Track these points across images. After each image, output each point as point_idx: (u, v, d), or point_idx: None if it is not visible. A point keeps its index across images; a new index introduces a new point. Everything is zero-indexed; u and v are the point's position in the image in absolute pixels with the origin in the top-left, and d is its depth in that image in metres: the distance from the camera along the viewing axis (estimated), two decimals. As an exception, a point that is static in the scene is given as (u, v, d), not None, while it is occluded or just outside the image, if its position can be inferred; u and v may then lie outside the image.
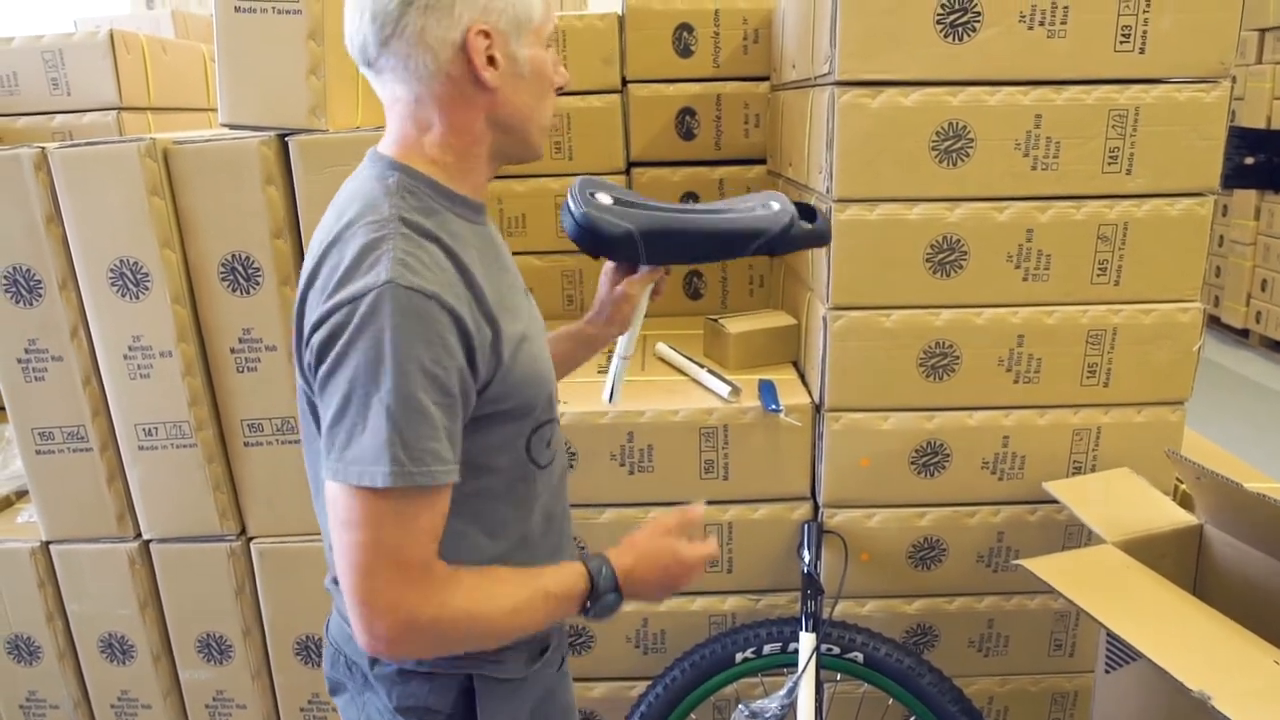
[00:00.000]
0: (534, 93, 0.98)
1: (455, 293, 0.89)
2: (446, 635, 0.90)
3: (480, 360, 0.91)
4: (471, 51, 0.91)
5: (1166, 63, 1.54)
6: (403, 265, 0.86)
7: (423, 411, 0.85)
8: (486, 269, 0.96)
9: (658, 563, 1.05)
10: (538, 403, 1.01)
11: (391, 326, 0.84)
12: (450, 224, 0.95)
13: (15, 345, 1.64)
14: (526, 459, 1.03)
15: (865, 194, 1.59)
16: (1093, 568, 1.39)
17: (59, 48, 2.18)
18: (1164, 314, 1.65)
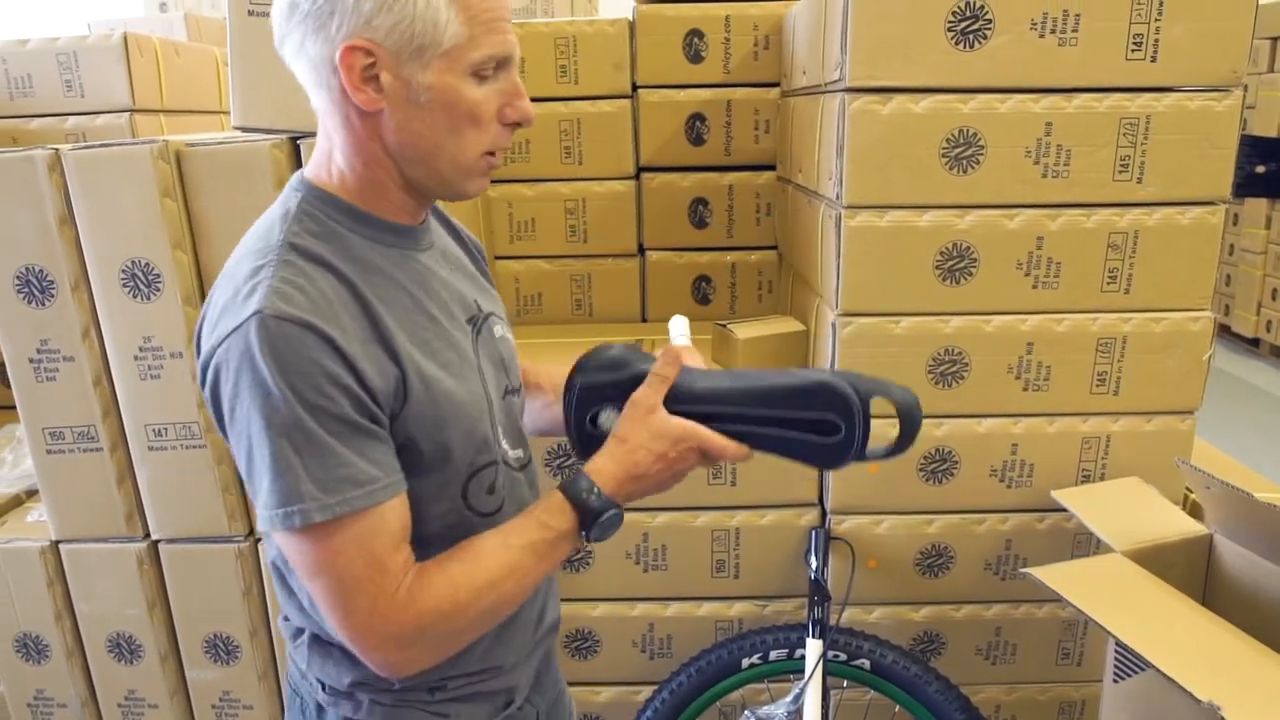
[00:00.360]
0: (441, 126, 0.86)
1: (340, 324, 0.83)
2: (450, 630, 0.87)
3: (380, 393, 0.84)
4: (343, 69, 0.83)
5: (1178, 71, 1.53)
6: (275, 294, 0.81)
7: (320, 443, 0.80)
8: (399, 300, 0.90)
9: (653, 452, 0.92)
10: (464, 445, 0.93)
11: (265, 363, 0.79)
12: (355, 249, 0.88)
13: (27, 345, 1.65)
14: (464, 508, 0.96)
15: (875, 200, 1.59)
16: (1101, 577, 1.39)
17: (73, 50, 2.20)
18: (1174, 323, 1.64)
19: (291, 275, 0.83)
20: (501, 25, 0.86)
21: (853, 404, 0.90)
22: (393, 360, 0.86)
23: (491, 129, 0.89)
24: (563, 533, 0.91)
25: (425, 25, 0.82)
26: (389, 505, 0.85)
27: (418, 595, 0.85)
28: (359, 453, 0.82)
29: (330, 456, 0.81)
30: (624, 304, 2.37)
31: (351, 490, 0.81)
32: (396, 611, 0.84)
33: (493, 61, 0.86)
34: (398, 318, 0.88)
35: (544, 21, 2.22)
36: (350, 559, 0.82)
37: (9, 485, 1.98)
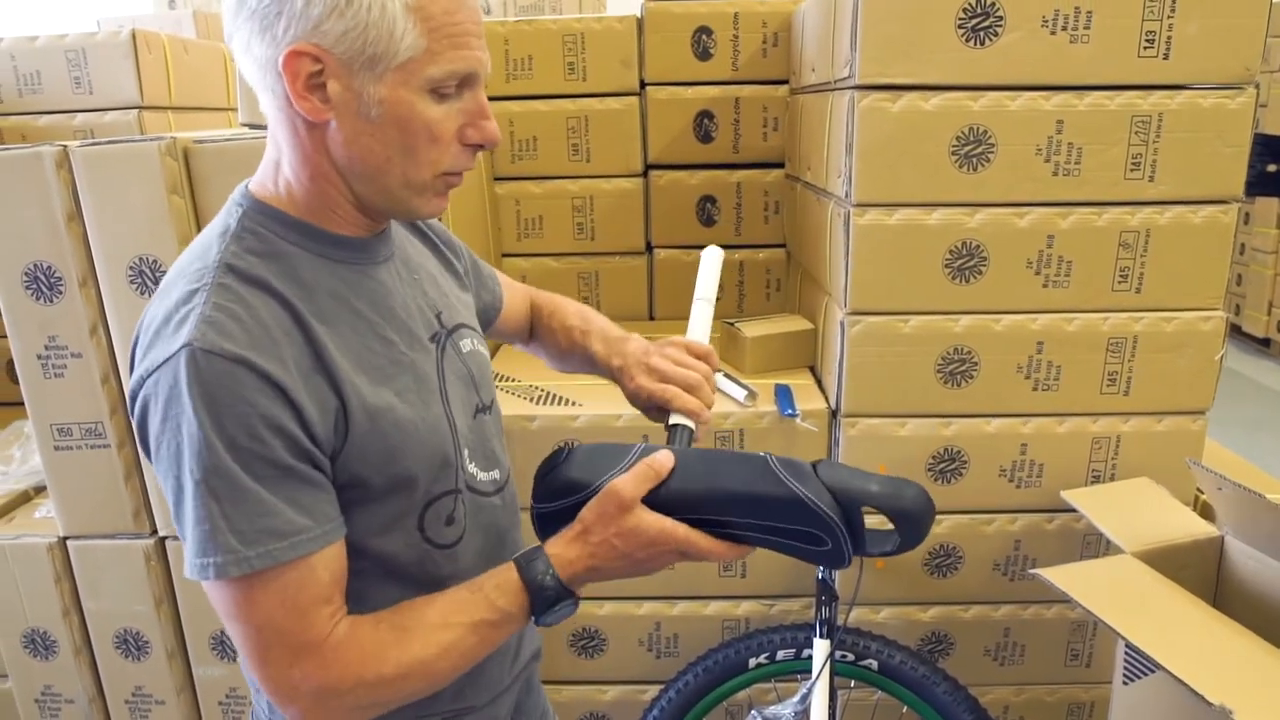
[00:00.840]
0: (393, 142, 0.80)
1: (278, 353, 0.77)
2: (372, 701, 0.82)
3: (318, 426, 0.79)
4: (287, 74, 0.77)
5: (1191, 69, 1.52)
6: (208, 324, 0.75)
7: (241, 489, 0.75)
8: (349, 323, 0.84)
9: (621, 551, 0.85)
10: (419, 476, 0.87)
11: (193, 402, 0.74)
12: (300, 269, 0.82)
13: (35, 342, 1.65)
14: (421, 540, 0.90)
15: (885, 198, 1.58)
16: (1111, 578, 1.38)
17: (82, 47, 2.20)
18: (1186, 322, 1.63)
19: (227, 301, 0.77)
20: (468, 40, 0.79)
21: (830, 522, 0.83)
22: (334, 391, 0.80)
23: (451, 149, 0.83)
24: (511, 615, 0.84)
25: (379, 34, 0.76)
26: (318, 556, 0.79)
27: (342, 655, 0.80)
28: (289, 500, 0.77)
29: (254, 505, 0.76)
30: (632, 302, 2.37)
31: (274, 542, 0.76)
32: (317, 668, 0.79)
33: (454, 78, 0.80)
34: (344, 344, 0.83)
35: (552, 18, 2.22)
36: (270, 611, 0.78)
37: (17, 481, 1.98)
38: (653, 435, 1.66)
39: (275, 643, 0.79)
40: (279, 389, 0.76)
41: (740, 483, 0.86)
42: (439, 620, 0.83)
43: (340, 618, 0.82)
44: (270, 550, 0.76)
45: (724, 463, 0.88)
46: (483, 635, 0.84)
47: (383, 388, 0.84)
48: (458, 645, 0.83)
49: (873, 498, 0.85)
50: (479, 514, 0.96)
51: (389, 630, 0.82)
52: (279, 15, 0.76)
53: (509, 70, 2.22)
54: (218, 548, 0.75)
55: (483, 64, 0.82)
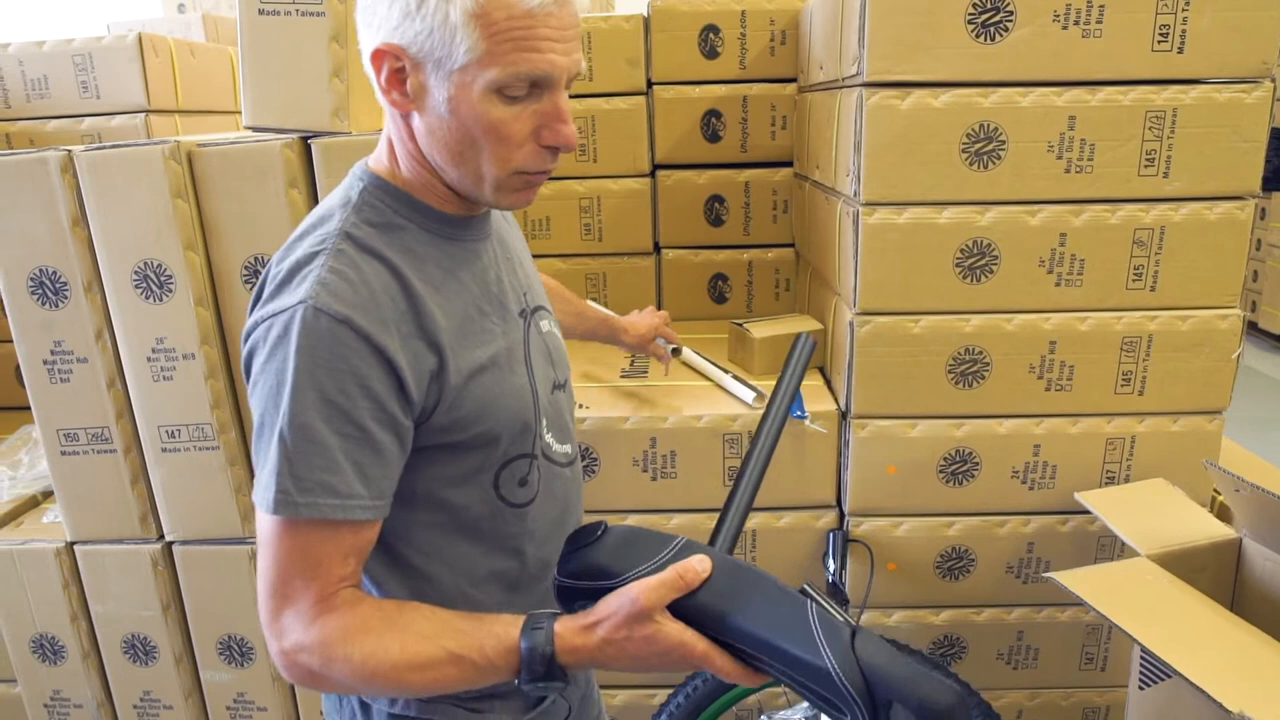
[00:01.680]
0: (462, 138, 0.85)
1: (380, 316, 0.83)
2: (334, 675, 0.84)
3: (413, 387, 0.84)
4: (374, 67, 0.85)
5: (1206, 63, 1.50)
6: (322, 285, 0.82)
7: (317, 441, 0.81)
8: (451, 291, 0.90)
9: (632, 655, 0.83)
10: (501, 435, 0.92)
11: (296, 351, 0.81)
12: (411, 241, 0.90)
13: (41, 347, 1.65)
14: (495, 497, 0.95)
15: (894, 197, 1.56)
16: (1126, 581, 1.35)
17: (89, 51, 2.20)
18: (1202, 320, 1.61)
19: (342, 266, 0.84)
20: (537, 44, 0.81)
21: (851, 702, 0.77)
22: (434, 352, 0.86)
23: (524, 149, 0.86)
24: (496, 668, 0.84)
25: (443, 37, 0.81)
26: (357, 526, 0.84)
27: (328, 621, 0.83)
28: (355, 465, 0.83)
29: (321, 457, 0.81)
30: (639, 303, 2.34)
31: (327, 498, 0.82)
32: (299, 626, 0.83)
33: (520, 81, 0.82)
34: (448, 310, 0.89)
35: (558, 18, 2.20)
36: (291, 553, 0.83)
37: (25, 486, 1.98)
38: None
39: (282, 587, 0.83)
40: (377, 350, 0.82)
41: (772, 630, 0.80)
42: (428, 634, 0.84)
43: (346, 586, 0.85)
44: (319, 503, 0.82)
45: (761, 593, 0.83)
46: (463, 671, 0.84)
47: (478, 350, 0.91)
48: (434, 667, 0.83)
49: (904, 693, 0.77)
50: (553, 482, 1.01)
51: (379, 619, 0.84)
52: (374, 15, 0.84)
53: (515, 71, 2.20)
54: (276, 484, 0.81)
55: (557, 67, 0.83)
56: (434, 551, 0.94)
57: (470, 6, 0.79)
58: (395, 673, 0.83)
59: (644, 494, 1.76)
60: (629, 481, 1.75)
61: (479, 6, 0.79)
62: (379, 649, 0.83)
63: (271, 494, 0.82)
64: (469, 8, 0.79)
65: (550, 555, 1.00)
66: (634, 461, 1.75)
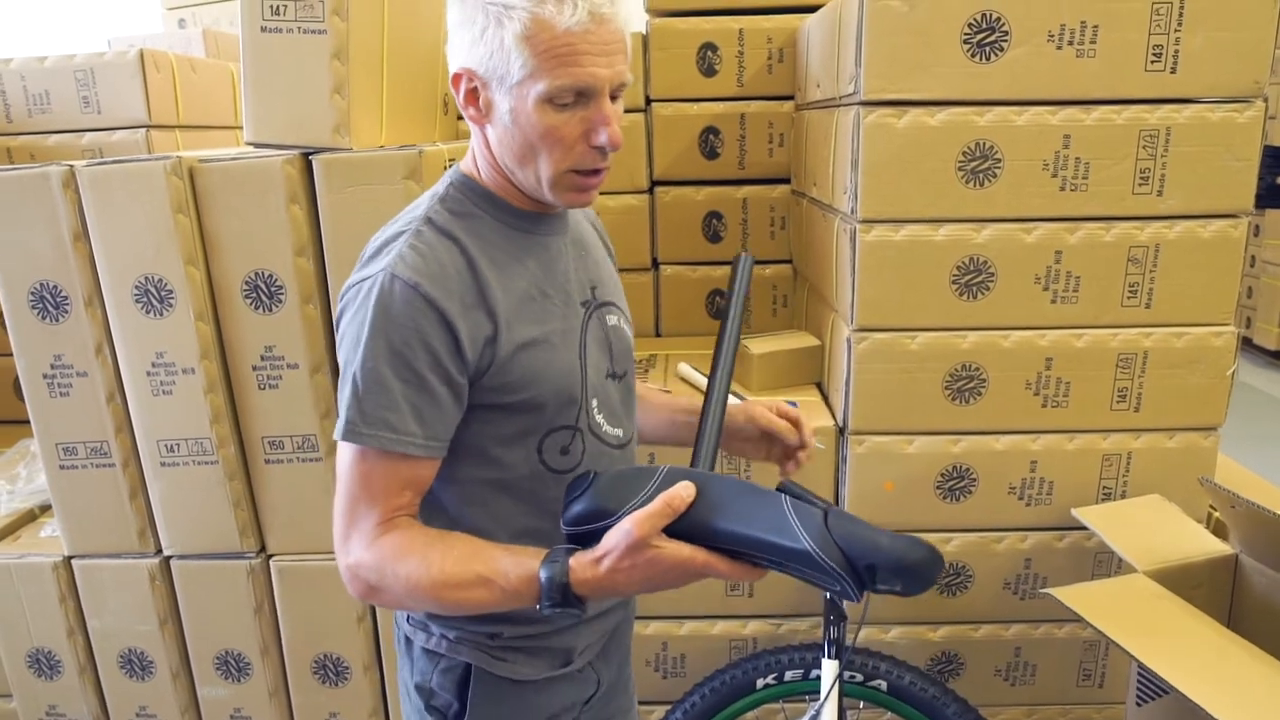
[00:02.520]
0: (523, 144, 0.99)
1: (446, 285, 0.97)
2: (386, 588, 0.96)
3: (468, 348, 0.97)
4: (454, 88, 1.00)
5: (1199, 82, 1.51)
6: (401, 258, 0.97)
7: (383, 383, 0.95)
8: (514, 273, 1.03)
9: (638, 579, 0.91)
10: (546, 404, 1.03)
11: (372, 308, 0.95)
12: (483, 229, 1.03)
13: (41, 361, 1.65)
14: (538, 460, 1.06)
15: (891, 214, 1.57)
16: (1123, 598, 1.36)
17: (90, 67, 2.21)
18: (1196, 337, 1.62)
19: (419, 243, 0.98)
20: (579, 59, 0.93)
21: (835, 575, 0.87)
22: (490, 321, 0.99)
23: (575, 149, 0.98)
24: (519, 594, 0.94)
25: (501, 59, 0.94)
26: (413, 461, 0.97)
27: (383, 543, 0.96)
28: (413, 407, 0.96)
29: (385, 397, 0.95)
30: (638, 318, 2.35)
31: (386, 431, 0.95)
32: (362, 544, 0.97)
33: (567, 91, 0.94)
34: (508, 288, 1.01)
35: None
36: (357, 480, 0.97)
37: (23, 500, 1.98)
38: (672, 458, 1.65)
39: (349, 507, 0.98)
40: (439, 312, 0.96)
41: (755, 527, 0.90)
42: (464, 556, 0.95)
43: (404, 514, 0.99)
44: (380, 435, 0.95)
45: (741, 498, 0.92)
46: (490, 592, 0.94)
47: (533, 326, 1.03)
48: (465, 587, 0.94)
49: (879, 555, 0.88)
50: (600, 459, 1.10)
51: (424, 541, 0.97)
52: (454, 44, 0.99)
53: (515, 88, 2.21)
54: (346, 416, 0.96)
55: (598, 78, 0.95)
56: (479, 502, 1.05)
57: (520, 30, 0.92)
58: (434, 589, 0.94)
59: (642, 509, 1.76)
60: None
61: (526, 29, 0.92)
62: (421, 566, 0.95)
63: (343, 424, 0.96)
64: (519, 31, 0.92)
65: None
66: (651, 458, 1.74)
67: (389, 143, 1.72)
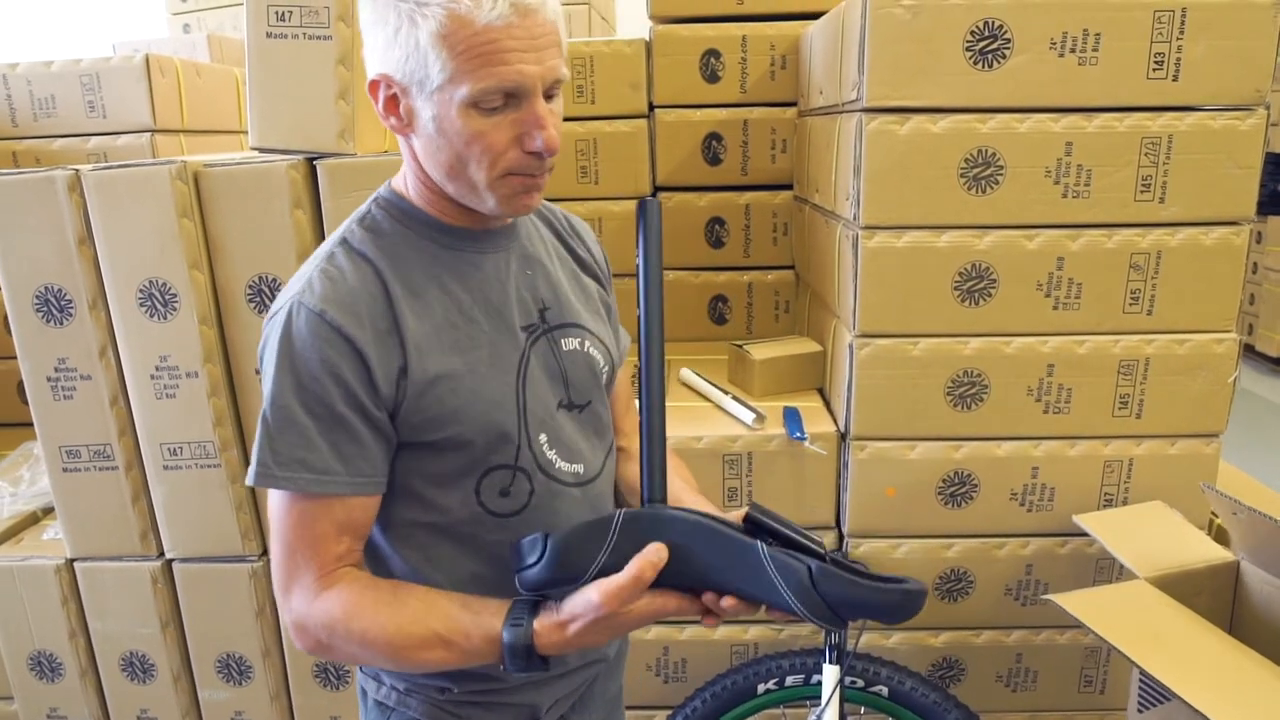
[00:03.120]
0: (451, 152, 0.90)
1: (356, 312, 0.90)
2: (338, 647, 0.91)
3: (382, 380, 0.90)
4: (372, 97, 0.92)
5: (1200, 90, 1.52)
6: (309, 285, 0.91)
7: (294, 420, 0.89)
8: (431, 297, 0.94)
9: (602, 636, 0.88)
10: (473, 442, 0.94)
11: (279, 340, 0.90)
12: (404, 248, 0.96)
13: (45, 364, 1.66)
14: (476, 503, 0.97)
15: (893, 221, 1.58)
16: (1125, 604, 1.36)
17: (96, 71, 2.22)
18: (1198, 344, 1.62)
19: (330, 268, 0.92)
20: (503, 57, 0.84)
21: (815, 622, 0.85)
22: (401, 351, 0.91)
23: (508, 155, 0.89)
24: (481, 654, 0.89)
25: (418, 62, 0.86)
26: (341, 501, 0.91)
27: (328, 595, 0.90)
28: (331, 444, 0.89)
29: (298, 435, 0.89)
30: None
31: (303, 472, 0.89)
32: (304, 597, 0.90)
33: (494, 94, 0.86)
34: (424, 313, 0.93)
35: (561, 42, 2.22)
36: (289, 527, 0.91)
37: (26, 502, 1.98)
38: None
39: (286, 557, 0.91)
40: (348, 342, 0.89)
41: (734, 583, 0.86)
42: (421, 613, 0.90)
43: (347, 563, 0.92)
44: (295, 477, 0.89)
45: (713, 550, 0.86)
46: (450, 653, 0.89)
47: (452, 356, 0.94)
48: (425, 648, 0.89)
49: (865, 610, 0.85)
50: (552, 499, 1.00)
51: (374, 598, 0.90)
52: (369, 48, 0.90)
53: (518, 93, 2.22)
54: (258, 459, 0.89)
55: (526, 76, 0.86)
56: (416, 546, 0.98)
57: (435, 28, 0.83)
58: (390, 650, 0.89)
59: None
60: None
61: (443, 28, 0.83)
62: (374, 625, 0.89)
63: (254, 467, 0.89)
64: (434, 30, 0.84)
65: None
66: (634, 481, 1.75)
67: (393, 148, 1.72)
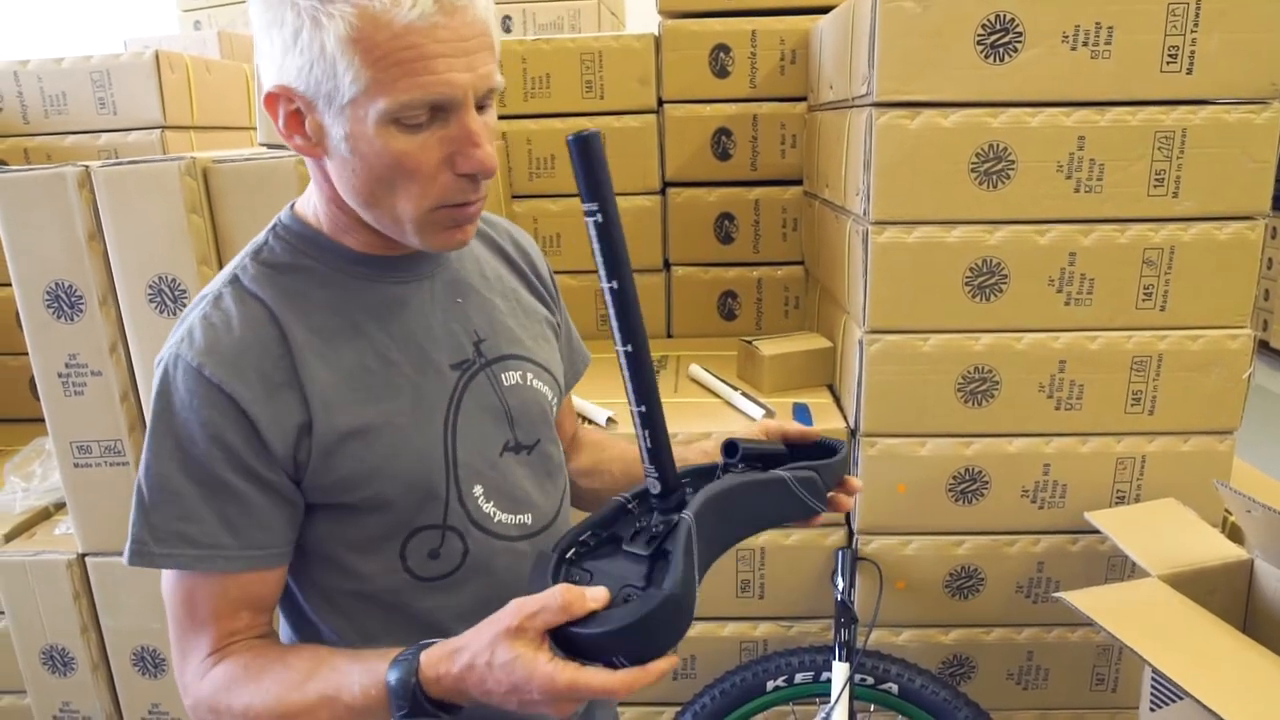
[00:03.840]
0: (370, 178, 0.77)
1: (238, 363, 0.78)
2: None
3: (275, 440, 0.79)
4: (269, 113, 0.78)
5: (1215, 83, 1.50)
6: (188, 334, 0.80)
7: (172, 490, 0.78)
8: (342, 341, 0.82)
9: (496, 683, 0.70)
10: (395, 501, 0.83)
11: (155, 398, 0.80)
12: (307, 283, 0.83)
13: (56, 360, 1.66)
14: (402, 569, 0.86)
15: (903, 216, 1.57)
16: (1137, 602, 1.35)
17: (106, 68, 2.23)
18: (1212, 340, 1.60)
19: (214, 311, 0.81)
20: (428, 64, 0.72)
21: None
22: (303, 407, 0.80)
23: (439, 180, 0.77)
24: (370, 708, 0.75)
25: (324, 71, 0.72)
26: (232, 577, 0.80)
27: (213, 676, 0.80)
28: (219, 514, 0.79)
29: (177, 507, 0.79)
30: (649, 320, 2.32)
31: (184, 548, 0.79)
32: (197, 678, 0.81)
33: (416, 107, 0.73)
34: (333, 360, 0.82)
35: (570, 37, 2.22)
36: (179, 605, 0.82)
37: (38, 498, 1.99)
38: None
39: (178, 639, 0.83)
40: (227, 398, 0.77)
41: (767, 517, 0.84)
42: (302, 677, 0.78)
43: (246, 637, 0.83)
44: (176, 554, 0.79)
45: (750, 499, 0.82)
46: (335, 712, 0.76)
47: (368, 407, 0.82)
48: (306, 713, 0.77)
49: None
50: (492, 557, 0.89)
51: (257, 666, 0.80)
52: (263, 56, 0.76)
53: (526, 88, 2.22)
54: (133, 535, 0.80)
55: (455, 85, 0.73)
56: (342, 613, 0.88)
57: (344, 31, 0.70)
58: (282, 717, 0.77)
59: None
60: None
61: (354, 30, 0.70)
62: (254, 698, 0.78)
63: (131, 544, 0.79)
64: (343, 33, 0.70)
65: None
66: (643, 478, 1.75)
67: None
